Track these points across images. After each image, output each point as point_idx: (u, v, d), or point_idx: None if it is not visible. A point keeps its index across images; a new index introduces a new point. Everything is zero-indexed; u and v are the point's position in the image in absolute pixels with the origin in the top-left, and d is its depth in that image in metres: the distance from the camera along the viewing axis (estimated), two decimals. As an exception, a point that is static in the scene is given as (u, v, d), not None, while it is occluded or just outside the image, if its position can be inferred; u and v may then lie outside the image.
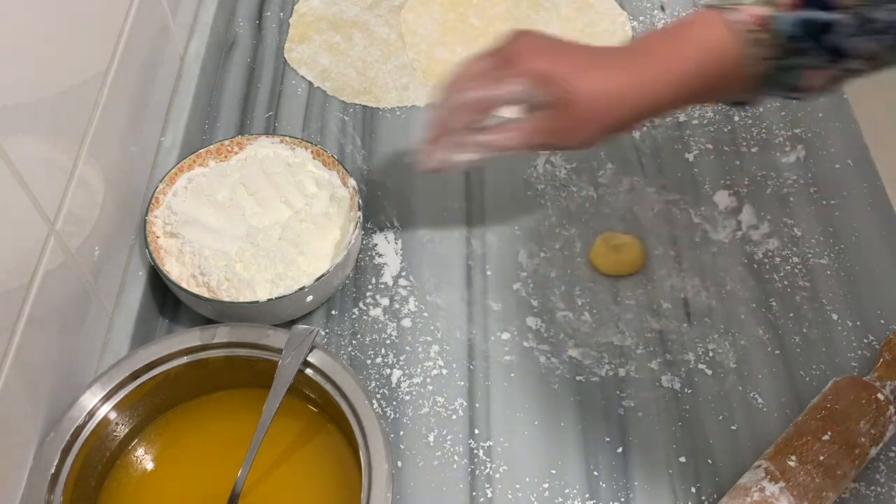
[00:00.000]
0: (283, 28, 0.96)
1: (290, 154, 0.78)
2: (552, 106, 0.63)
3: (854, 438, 0.64)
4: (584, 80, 0.63)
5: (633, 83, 0.64)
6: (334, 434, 0.64)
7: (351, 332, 0.73)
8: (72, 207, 0.62)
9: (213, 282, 0.70)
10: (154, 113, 0.81)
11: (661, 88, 0.64)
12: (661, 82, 0.64)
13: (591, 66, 0.65)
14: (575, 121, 0.64)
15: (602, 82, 0.64)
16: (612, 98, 0.64)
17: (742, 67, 0.62)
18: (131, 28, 0.73)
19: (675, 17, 0.96)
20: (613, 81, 0.64)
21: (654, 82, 0.64)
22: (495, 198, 0.82)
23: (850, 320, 0.73)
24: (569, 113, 0.64)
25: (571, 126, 0.64)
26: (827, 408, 0.66)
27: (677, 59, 0.63)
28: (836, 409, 0.65)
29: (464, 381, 0.70)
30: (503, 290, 0.76)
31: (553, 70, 0.64)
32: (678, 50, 0.64)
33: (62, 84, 0.62)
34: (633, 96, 0.64)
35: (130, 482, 0.64)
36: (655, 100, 0.64)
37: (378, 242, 0.79)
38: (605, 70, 0.64)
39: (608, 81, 0.64)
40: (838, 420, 0.65)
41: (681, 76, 0.63)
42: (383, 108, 0.89)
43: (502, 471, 0.66)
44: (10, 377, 0.54)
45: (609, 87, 0.64)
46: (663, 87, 0.64)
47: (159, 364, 0.63)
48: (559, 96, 0.63)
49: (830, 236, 0.79)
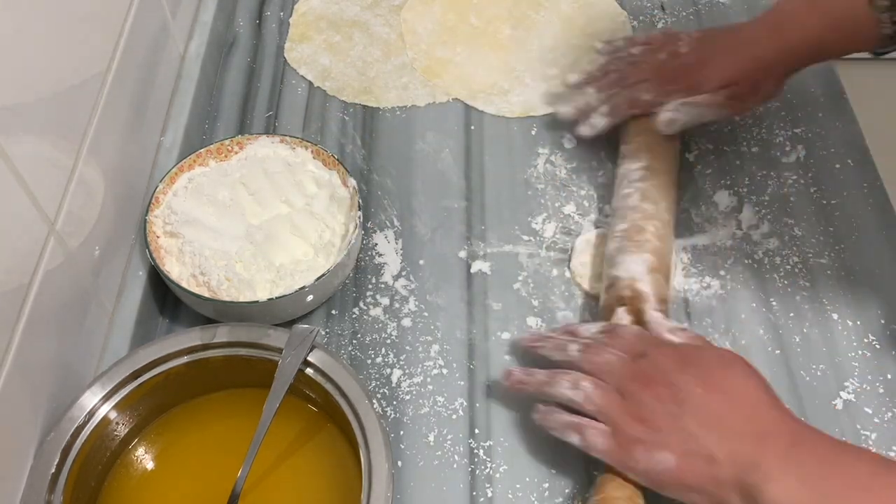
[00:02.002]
0: (283, 28, 0.96)
1: (291, 154, 0.78)
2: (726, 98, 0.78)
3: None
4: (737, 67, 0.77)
5: (776, 52, 0.76)
6: (334, 434, 0.64)
7: (351, 331, 0.73)
8: (72, 207, 0.62)
9: (214, 281, 0.70)
10: (154, 113, 0.81)
11: (802, 52, 0.76)
12: (800, 47, 0.76)
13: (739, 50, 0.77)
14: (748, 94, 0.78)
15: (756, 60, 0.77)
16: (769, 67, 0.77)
17: (875, 30, 0.72)
18: (131, 28, 0.73)
19: (675, 16, 0.97)
20: (761, 53, 0.76)
21: (793, 48, 0.76)
22: (495, 198, 0.82)
23: (850, 320, 0.73)
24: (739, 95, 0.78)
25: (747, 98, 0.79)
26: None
27: (814, 25, 0.75)
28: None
29: (464, 381, 0.70)
30: (503, 290, 0.76)
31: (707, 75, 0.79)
32: (815, 18, 0.74)
33: (62, 84, 0.62)
34: (777, 63, 0.77)
35: (130, 482, 0.63)
36: (797, 60, 0.78)
37: (378, 242, 0.79)
38: (755, 48, 0.77)
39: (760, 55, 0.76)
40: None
41: (819, 39, 0.75)
42: (383, 108, 0.89)
43: (502, 471, 0.66)
44: (10, 377, 0.54)
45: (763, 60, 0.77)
46: (804, 50, 0.76)
47: (159, 364, 0.63)
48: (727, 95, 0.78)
49: (830, 236, 0.79)
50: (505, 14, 0.96)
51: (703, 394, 0.58)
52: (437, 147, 0.86)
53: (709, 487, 0.56)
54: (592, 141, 0.85)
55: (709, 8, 0.98)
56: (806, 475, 0.54)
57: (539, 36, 0.94)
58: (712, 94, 0.77)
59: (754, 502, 0.53)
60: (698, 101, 0.77)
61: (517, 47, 0.93)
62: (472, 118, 0.88)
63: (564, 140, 0.86)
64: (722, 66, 0.77)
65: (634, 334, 0.64)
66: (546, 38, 0.94)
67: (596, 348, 0.63)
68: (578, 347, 0.64)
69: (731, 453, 0.55)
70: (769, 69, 0.77)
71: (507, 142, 0.86)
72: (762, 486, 0.53)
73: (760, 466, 0.54)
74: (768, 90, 0.80)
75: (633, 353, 0.62)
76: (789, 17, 0.76)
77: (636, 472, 0.59)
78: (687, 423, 0.57)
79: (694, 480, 0.56)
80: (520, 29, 0.95)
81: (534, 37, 0.94)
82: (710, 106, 0.78)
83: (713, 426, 0.57)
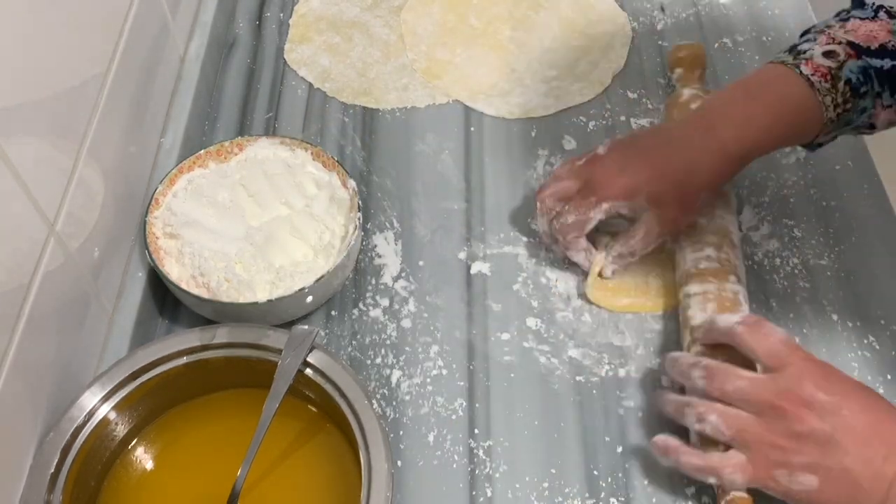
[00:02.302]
0: (283, 29, 0.97)
1: (290, 155, 0.78)
2: (651, 206, 0.70)
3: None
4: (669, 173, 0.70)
5: (717, 148, 0.70)
6: (334, 434, 0.64)
7: (351, 332, 0.73)
8: (72, 208, 0.62)
9: (213, 283, 0.70)
10: (154, 113, 0.81)
11: (747, 144, 0.70)
12: (746, 139, 0.70)
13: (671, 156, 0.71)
14: (677, 206, 0.71)
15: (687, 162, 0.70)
16: (702, 170, 0.70)
17: (819, 115, 0.69)
18: (131, 28, 0.73)
19: (675, 17, 0.97)
20: (699, 156, 0.70)
21: (738, 139, 0.70)
22: (495, 198, 0.82)
23: (850, 320, 0.73)
24: (666, 203, 0.70)
25: (677, 211, 0.71)
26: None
27: (758, 114, 0.70)
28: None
29: (464, 381, 0.70)
30: (503, 290, 0.76)
31: (634, 185, 0.70)
32: (754, 104, 0.70)
33: (62, 84, 0.62)
34: (719, 160, 0.70)
35: (130, 482, 0.64)
36: (742, 155, 0.70)
37: (378, 243, 0.79)
38: (686, 150, 0.70)
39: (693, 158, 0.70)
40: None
41: (762, 129, 0.70)
42: (383, 109, 0.89)
43: (502, 471, 0.66)
44: (10, 377, 0.54)
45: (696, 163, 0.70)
46: (749, 143, 0.70)
47: (159, 364, 0.63)
48: (650, 201, 0.70)
49: (830, 237, 0.79)
50: (505, 15, 0.96)
51: (847, 414, 0.57)
52: (437, 148, 0.86)
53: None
54: (592, 142, 0.85)
55: (709, 8, 0.98)
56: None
57: (539, 37, 0.94)
58: (643, 238, 0.71)
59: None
60: (633, 251, 0.72)
61: (517, 48, 0.93)
62: (472, 119, 0.88)
63: (564, 141, 0.86)
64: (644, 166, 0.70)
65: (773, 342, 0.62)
66: (546, 39, 0.94)
67: (722, 374, 0.61)
68: (700, 373, 0.62)
69: (874, 473, 0.56)
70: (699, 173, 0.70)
71: (506, 143, 0.86)
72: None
73: (893, 483, 0.55)
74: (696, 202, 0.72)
75: (771, 368, 0.60)
76: (722, 115, 0.70)
77: (776, 491, 0.59)
78: (830, 447, 0.56)
79: (838, 502, 0.57)
80: (520, 30, 0.95)
81: (534, 38, 0.94)
82: (643, 237, 0.71)
83: (855, 445, 0.56)
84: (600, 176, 0.71)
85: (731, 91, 0.72)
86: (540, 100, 0.89)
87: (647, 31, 0.96)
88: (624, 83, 0.91)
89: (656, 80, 0.91)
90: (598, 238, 0.76)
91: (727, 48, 0.94)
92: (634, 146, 0.73)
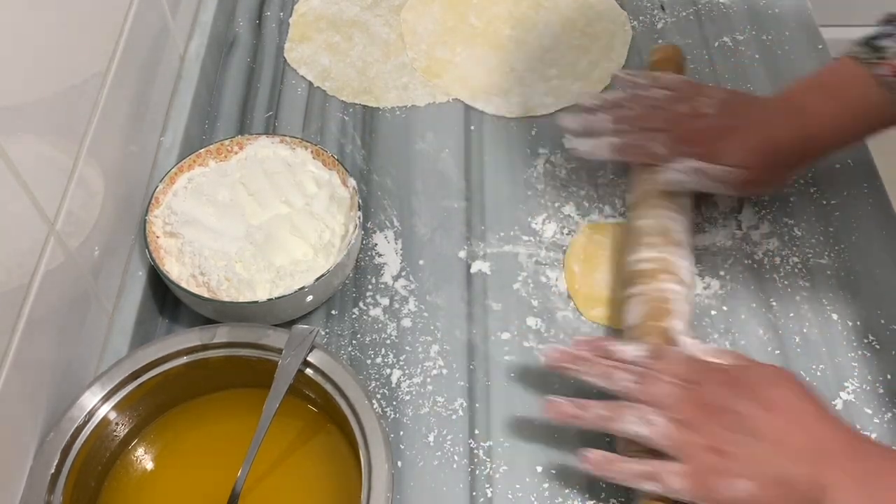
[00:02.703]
0: (283, 28, 0.96)
1: (290, 154, 0.78)
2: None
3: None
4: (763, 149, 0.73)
5: (794, 142, 0.73)
6: (334, 434, 0.64)
7: (351, 332, 0.73)
8: (72, 207, 0.62)
9: (213, 282, 0.70)
10: (154, 113, 0.81)
11: (819, 139, 0.73)
12: (818, 134, 0.72)
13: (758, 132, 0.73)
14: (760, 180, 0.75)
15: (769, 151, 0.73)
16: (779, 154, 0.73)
17: (891, 109, 0.70)
18: (131, 28, 0.73)
19: (675, 17, 0.97)
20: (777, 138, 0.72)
21: (812, 137, 0.73)
22: (495, 198, 0.82)
23: (850, 320, 0.73)
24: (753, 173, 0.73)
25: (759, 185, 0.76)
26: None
27: (831, 115, 0.72)
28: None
29: (464, 381, 0.70)
30: (503, 290, 0.76)
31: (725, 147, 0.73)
32: (832, 105, 0.72)
33: (62, 84, 0.62)
34: (794, 152, 0.73)
35: (130, 482, 0.64)
36: (813, 149, 0.74)
37: (378, 242, 0.79)
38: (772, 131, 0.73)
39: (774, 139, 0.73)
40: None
41: (836, 128, 0.72)
42: (383, 108, 0.89)
43: (502, 471, 0.66)
44: (10, 377, 0.54)
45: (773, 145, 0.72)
46: (820, 137, 0.73)
47: (159, 364, 0.63)
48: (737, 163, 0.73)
49: (830, 236, 0.79)
50: (505, 14, 0.96)
51: (765, 416, 0.58)
52: (437, 147, 0.86)
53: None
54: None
55: (709, 7, 0.98)
56: (874, 495, 0.55)
57: (539, 36, 0.94)
58: (725, 171, 0.73)
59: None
60: (710, 173, 0.73)
61: (517, 47, 0.93)
62: (472, 118, 0.88)
63: (564, 140, 0.85)
64: (740, 144, 0.73)
65: (684, 361, 0.62)
66: (546, 38, 0.94)
67: (651, 378, 0.61)
68: (631, 377, 0.61)
69: (801, 475, 0.56)
70: (782, 157, 0.73)
71: (506, 142, 0.86)
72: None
73: (830, 488, 0.55)
74: (780, 179, 0.77)
75: (687, 381, 0.60)
76: (804, 104, 0.73)
77: (715, 503, 0.58)
78: (758, 449, 0.57)
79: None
80: (520, 29, 0.95)
81: (534, 37, 0.94)
82: (720, 182, 0.73)
83: (783, 449, 0.57)
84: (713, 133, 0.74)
85: (814, 84, 0.75)
86: (540, 99, 0.89)
87: (648, 30, 0.96)
88: (624, 82, 0.91)
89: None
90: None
91: (727, 47, 0.93)
92: (735, 118, 0.75)
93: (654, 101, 0.78)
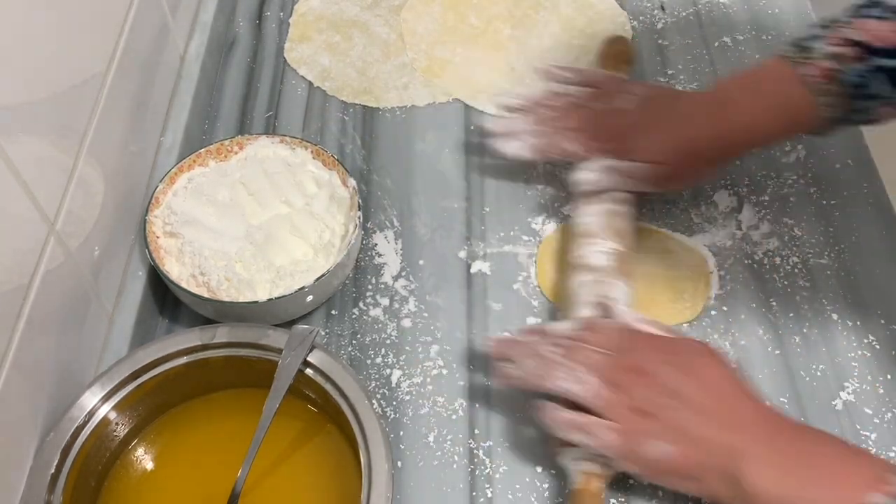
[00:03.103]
0: (283, 28, 0.96)
1: (290, 154, 0.78)
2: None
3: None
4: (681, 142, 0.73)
5: (712, 136, 0.73)
6: (334, 434, 0.64)
7: (351, 332, 0.73)
8: (72, 207, 0.62)
9: (213, 282, 0.70)
10: (154, 113, 0.81)
11: (739, 136, 0.73)
12: (738, 130, 0.72)
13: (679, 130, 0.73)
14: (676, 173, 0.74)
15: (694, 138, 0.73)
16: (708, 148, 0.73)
17: (815, 114, 0.70)
18: (131, 28, 0.73)
19: (675, 17, 0.97)
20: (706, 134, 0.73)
21: (731, 131, 0.72)
22: (495, 196, 0.82)
23: (850, 320, 0.73)
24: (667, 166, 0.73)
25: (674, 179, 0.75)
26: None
27: (752, 112, 0.72)
28: None
29: (464, 382, 0.70)
30: (503, 290, 0.76)
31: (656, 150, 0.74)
32: (754, 102, 0.72)
33: (62, 84, 0.62)
34: (712, 148, 0.73)
35: (130, 482, 0.64)
36: (733, 146, 0.74)
37: (378, 242, 0.79)
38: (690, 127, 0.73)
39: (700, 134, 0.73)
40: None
41: (755, 126, 0.72)
42: (383, 108, 0.89)
43: (502, 471, 0.66)
44: (10, 377, 0.54)
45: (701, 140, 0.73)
46: (741, 134, 0.73)
47: (159, 364, 0.63)
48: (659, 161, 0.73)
49: (830, 236, 0.79)
50: (505, 14, 0.96)
51: (690, 383, 0.60)
52: (437, 147, 0.86)
53: (699, 474, 0.58)
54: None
55: (709, 7, 0.98)
56: (784, 463, 0.56)
57: (539, 36, 0.94)
58: (635, 167, 0.73)
59: (738, 488, 0.56)
60: (623, 170, 0.74)
61: (517, 47, 0.93)
62: (472, 118, 0.88)
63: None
64: (655, 140, 0.74)
65: (614, 329, 0.64)
66: (546, 38, 0.94)
67: (577, 348, 0.63)
68: (560, 350, 0.63)
69: (718, 441, 0.58)
70: (701, 153, 0.73)
71: (506, 142, 0.86)
72: (744, 473, 0.56)
73: (744, 455, 0.56)
74: (698, 175, 0.77)
75: (617, 349, 0.62)
76: (727, 100, 0.73)
77: (639, 464, 0.60)
78: (681, 414, 0.59)
79: (688, 468, 0.58)
80: (520, 29, 0.95)
81: (534, 37, 0.94)
82: (635, 178, 0.74)
83: (703, 415, 0.59)
84: (628, 130, 0.75)
85: (740, 81, 0.74)
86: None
87: (647, 30, 0.96)
88: (624, 82, 0.91)
89: (656, 79, 0.91)
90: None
91: (727, 47, 0.94)
92: (653, 114, 0.76)
93: (573, 98, 0.80)
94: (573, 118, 0.78)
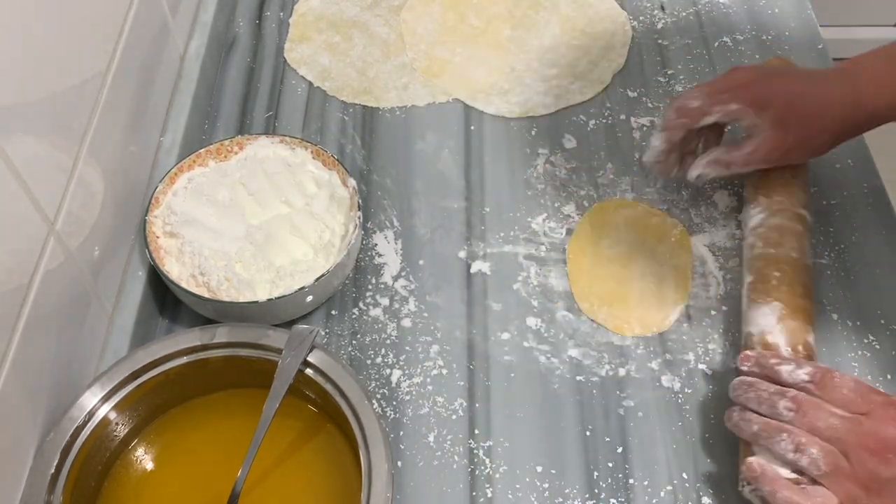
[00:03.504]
0: (282, 28, 0.96)
1: (290, 154, 0.78)
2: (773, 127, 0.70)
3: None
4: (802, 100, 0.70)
5: (851, 98, 0.70)
6: (334, 434, 0.64)
7: (351, 332, 0.73)
8: (72, 207, 0.62)
9: (213, 282, 0.70)
10: (154, 113, 0.81)
11: (882, 103, 0.70)
12: (882, 97, 0.69)
13: (808, 87, 0.70)
14: (796, 137, 0.71)
15: (820, 102, 0.70)
16: (832, 114, 0.70)
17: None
18: (131, 28, 0.73)
19: (675, 17, 0.97)
20: (833, 99, 0.70)
21: (874, 95, 0.70)
22: (495, 197, 0.82)
23: (850, 320, 0.73)
24: (789, 130, 0.70)
25: (794, 142, 0.71)
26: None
27: (889, 82, 0.69)
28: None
29: (464, 381, 0.70)
30: (503, 290, 0.76)
31: (767, 98, 0.70)
32: (890, 70, 0.69)
33: (62, 84, 0.62)
34: (850, 110, 0.70)
35: (130, 482, 0.64)
36: (874, 113, 0.70)
37: (378, 242, 0.79)
38: (823, 88, 0.71)
39: (827, 100, 0.70)
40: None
41: (891, 95, 0.69)
42: (383, 108, 0.89)
43: (502, 471, 0.66)
44: (10, 377, 0.54)
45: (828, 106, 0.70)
46: (884, 102, 0.69)
47: (159, 364, 0.63)
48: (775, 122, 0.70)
49: (830, 236, 0.79)
50: (505, 14, 0.96)
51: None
52: (437, 147, 0.86)
53: None
54: (592, 141, 0.85)
55: (709, 7, 0.98)
56: None
57: (539, 36, 0.94)
58: (749, 154, 0.71)
59: None
60: (731, 161, 0.73)
61: (517, 47, 0.93)
62: (472, 118, 0.88)
63: (564, 140, 0.86)
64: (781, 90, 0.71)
65: (851, 388, 0.60)
66: (546, 38, 0.94)
67: (814, 410, 0.59)
68: (788, 405, 0.60)
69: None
70: (835, 122, 0.71)
71: (506, 142, 0.86)
72: None
73: None
74: (824, 147, 0.74)
75: (854, 411, 0.59)
76: (866, 69, 0.70)
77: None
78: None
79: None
80: (520, 29, 0.95)
81: (534, 37, 0.94)
82: (744, 166, 0.73)
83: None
84: (740, 79, 0.73)
85: (880, 51, 0.72)
86: (540, 98, 0.89)
87: (647, 30, 0.96)
88: (624, 82, 0.91)
89: (656, 79, 0.91)
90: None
91: (727, 47, 0.94)
92: (777, 71, 0.75)
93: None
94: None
